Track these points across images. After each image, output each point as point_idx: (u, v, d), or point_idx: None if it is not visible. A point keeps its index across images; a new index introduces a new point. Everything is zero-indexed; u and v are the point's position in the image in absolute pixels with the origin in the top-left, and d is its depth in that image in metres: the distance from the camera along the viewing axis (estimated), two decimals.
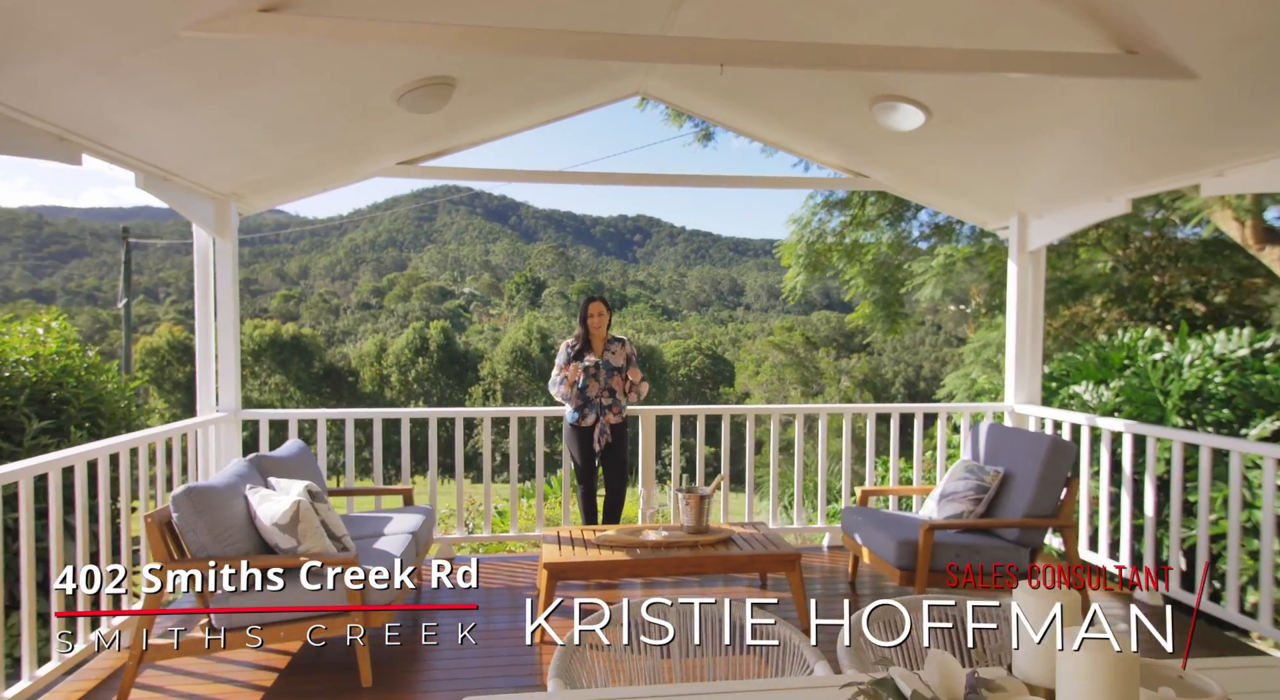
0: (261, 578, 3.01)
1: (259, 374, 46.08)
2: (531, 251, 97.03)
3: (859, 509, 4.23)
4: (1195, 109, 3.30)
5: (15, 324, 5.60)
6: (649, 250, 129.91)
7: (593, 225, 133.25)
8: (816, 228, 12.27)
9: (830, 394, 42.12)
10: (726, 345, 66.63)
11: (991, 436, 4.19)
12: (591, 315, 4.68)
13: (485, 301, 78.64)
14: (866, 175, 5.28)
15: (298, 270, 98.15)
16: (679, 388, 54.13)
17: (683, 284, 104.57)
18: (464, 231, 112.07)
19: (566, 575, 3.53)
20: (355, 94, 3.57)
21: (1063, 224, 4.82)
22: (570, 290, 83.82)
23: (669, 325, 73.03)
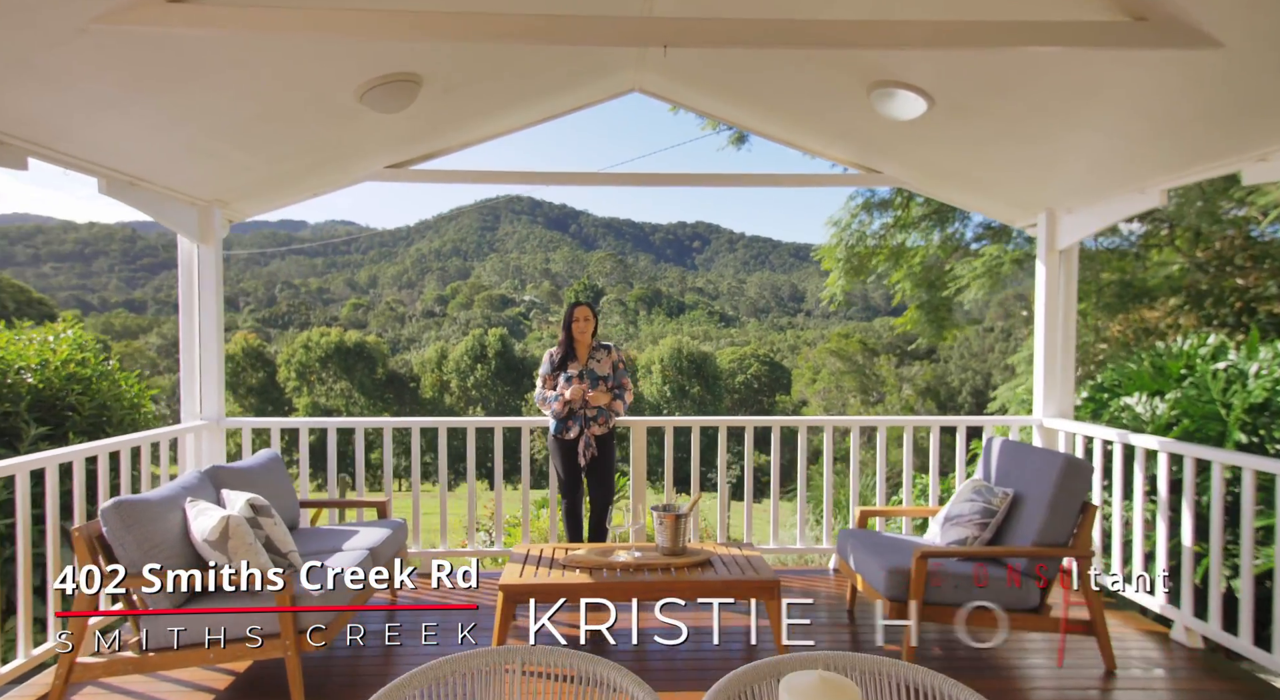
0: (189, 595, 2.92)
1: (325, 380, 47.62)
2: (590, 259, 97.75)
3: (855, 531, 3.89)
4: (1226, 84, 2.88)
5: (33, 331, 5.75)
6: (708, 256, 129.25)
7: (651, 232, 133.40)
8: (856, 230, 11.80)
9: (891, 402, 40.89)
10: (785, 352, 65.67)
11: (1004, 454, 3.80)
12: (576, 320, 4.47)
13: (544, 309, 79.49)
14: (879, 171, 4.93)
15: (367, 279, 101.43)
16: (735, 395, 53.49)
17: (741, 290, 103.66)
18: (525, 240, 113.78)
19: (524, 598, 3.32)
20: (314, 93, 3.47)
21: (1093, 220, 4.37)
22: (628, 297, 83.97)
23: (726, 332, 72.36)
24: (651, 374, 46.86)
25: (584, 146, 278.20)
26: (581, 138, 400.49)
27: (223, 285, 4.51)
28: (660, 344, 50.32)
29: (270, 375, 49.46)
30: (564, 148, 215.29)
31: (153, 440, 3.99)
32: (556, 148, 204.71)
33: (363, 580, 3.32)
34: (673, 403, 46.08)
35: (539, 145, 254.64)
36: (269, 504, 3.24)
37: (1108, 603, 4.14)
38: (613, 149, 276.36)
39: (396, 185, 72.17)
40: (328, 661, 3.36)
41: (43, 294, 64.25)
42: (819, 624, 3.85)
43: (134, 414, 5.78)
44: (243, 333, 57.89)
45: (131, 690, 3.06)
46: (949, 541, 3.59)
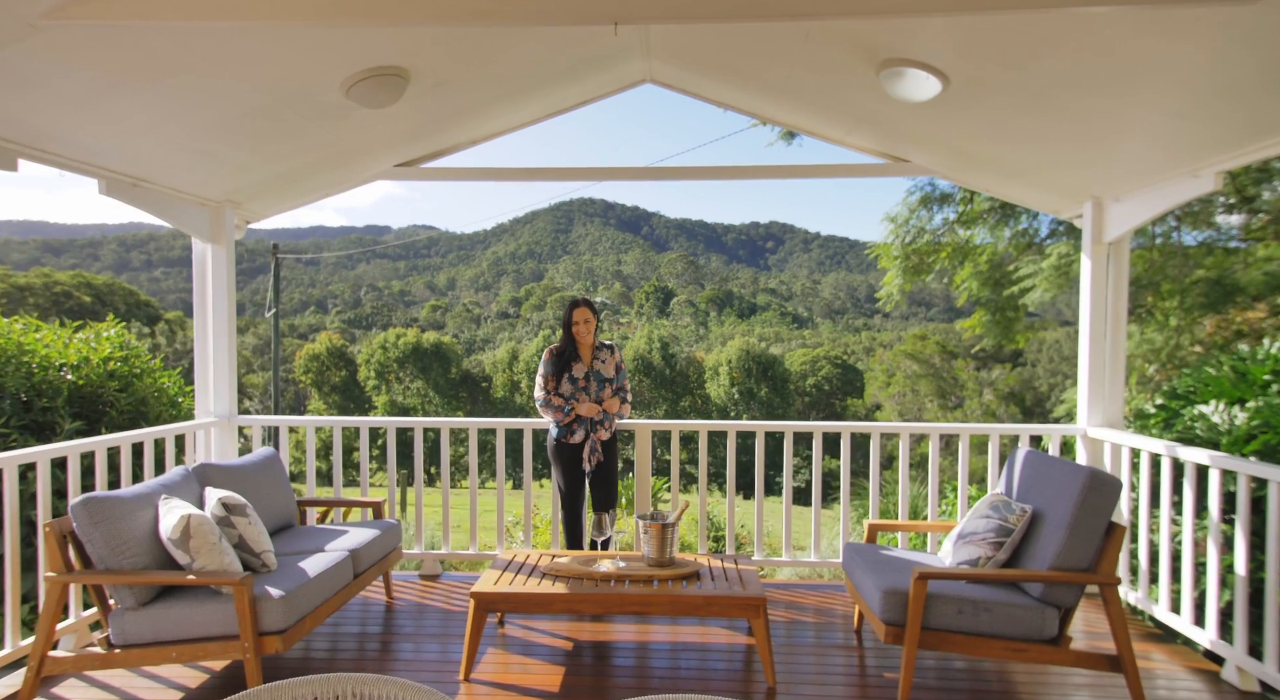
0: (156, 592, 2.92)
1: (402, 379, 49.20)
2: (662, 260, 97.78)
3: (860, 546, 3.61)
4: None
5: (84, 331, 6.02)
6: (781, 257, 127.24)
7: (724, 233, 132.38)
8: (915, 226, 11.26)
9: (971, 407, 39.17)
10: (859, 355, 64.01)
11: (1027, 467, 3.45)
12: (576, 321, 4.32)
13: (616, 310, 79.97)
14: (907, 160, 4.61)
15: (446, 282, 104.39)
16: (806, 398, 52.38)
17: (816, 291, 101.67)
18: (598, 242, 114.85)
19: (496, 607, 3.20)
20: (298, 90, 3.45)
21: (1142, 208, 3.95)
22: (699, 298, 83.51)
23: (798, 334, 70.97)
24: (719, 376, 46.40)
25: (625, 142, 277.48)
26: (625, 133, 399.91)
27: (235, 285, 4.59)
28: (728, 346, 49.77)
29: (352, 374, 51.48)
30: (608, 144, 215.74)
31: (157, 436, 4.07)
32: (598, 144, 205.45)
33: (336, 582, 3.28)
34: (740, 405, 45.49)
35: (583, 142, 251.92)
36: (245, 503, 3.23)
37: (1156, 635, 3.73)
38: (665, 145, 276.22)
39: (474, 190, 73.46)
40: (302, 662, 3.32)
41: (151, 297, 68.88)
42: (818, 645, 3.58)
43: (173, 410, 5.98)
44: (327, 333, 60.51)
45: (110, 685, 3.09)
46: (959, 561, 3.28)
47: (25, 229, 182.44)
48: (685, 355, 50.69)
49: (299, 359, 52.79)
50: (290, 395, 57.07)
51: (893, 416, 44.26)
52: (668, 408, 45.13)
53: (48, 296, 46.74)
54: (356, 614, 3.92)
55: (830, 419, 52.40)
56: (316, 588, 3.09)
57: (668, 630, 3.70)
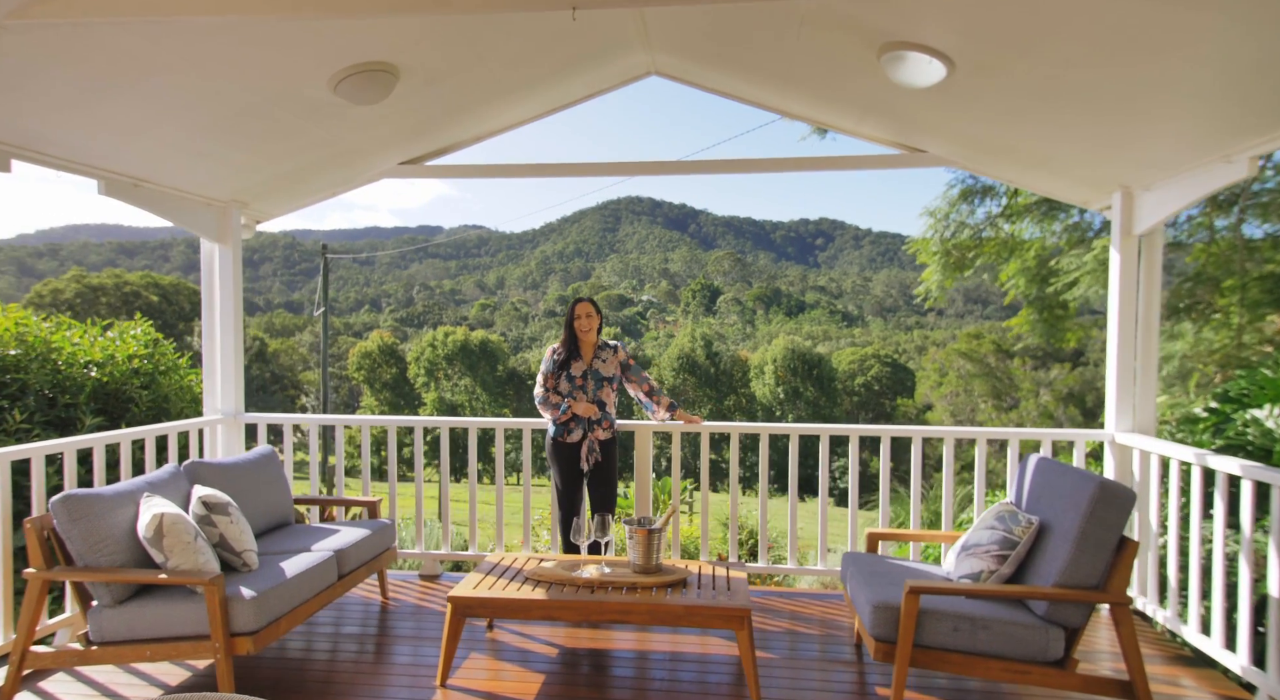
0: (134, 590, 2.93)
1: (450, 376, 50.04)
2: (708, 258, 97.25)
3: (859, 555, 3.43)
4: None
5: (115, 329, 6.18)
6: (831, 254, 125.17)
7: (772, 230, 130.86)
8: (955, 220, 10.86)
9: (1027, 408, 37.88)
10: (911, 353, 62.66)
11: (1038, 475, 3.22)
12: (578, 317, 4.24)
13: (662, 308, 79.87)
14: (923, 150, 4.39)
15: (495, 281, 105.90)
16: (854, 397, 51.46)
17: (867, 288, 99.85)
18: (645, 240, 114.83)
19: (474, 612, 3.14)
20: (285, 87, 3.44)
21: (1174, 196, 3.67)
22: (746, 296, 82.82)
23: (848, 332, 69.78)
24: (764, 375, 45.89)
25: (662, 136, 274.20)
26: (659, 127, 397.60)
27: (242, 284, 4.64)
28: (773, 344, 49.19)
29: (402, 372, 52.59)
30: (643, 137, 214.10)
31: (159, 433, 4.12)
32: (624, 138, 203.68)
33: (317, 583, 3.26)
34: (785, 405, 44.93)
35: (605, 136, 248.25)
36: (228, 501, 3.23)
37: (1186, 659, 3.46)
38: (697, 139, 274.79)
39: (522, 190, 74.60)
40: (277, 663, 3.31)
41: None
42: (814, 659, 3.42)
43: (195, 407, 6.11)
44: (379, 331, 61.95)
45: (95, 681, 3.13)
46: (961, 575, 3.08)
47: (102, 232, 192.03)
48: (730, 354, 50.31)
49: (352, 356, 54.16)
50: (345, 392, 58.64)
51: (944, 417, 43.06)
52: (712, 407, 44.85)
53: (118, 296, 48.91)
54: (346, 614, 3.91)
55: (879, 419, 51.38)
56: (293, 589, 3.07)
57: (667, 639, 3.58)
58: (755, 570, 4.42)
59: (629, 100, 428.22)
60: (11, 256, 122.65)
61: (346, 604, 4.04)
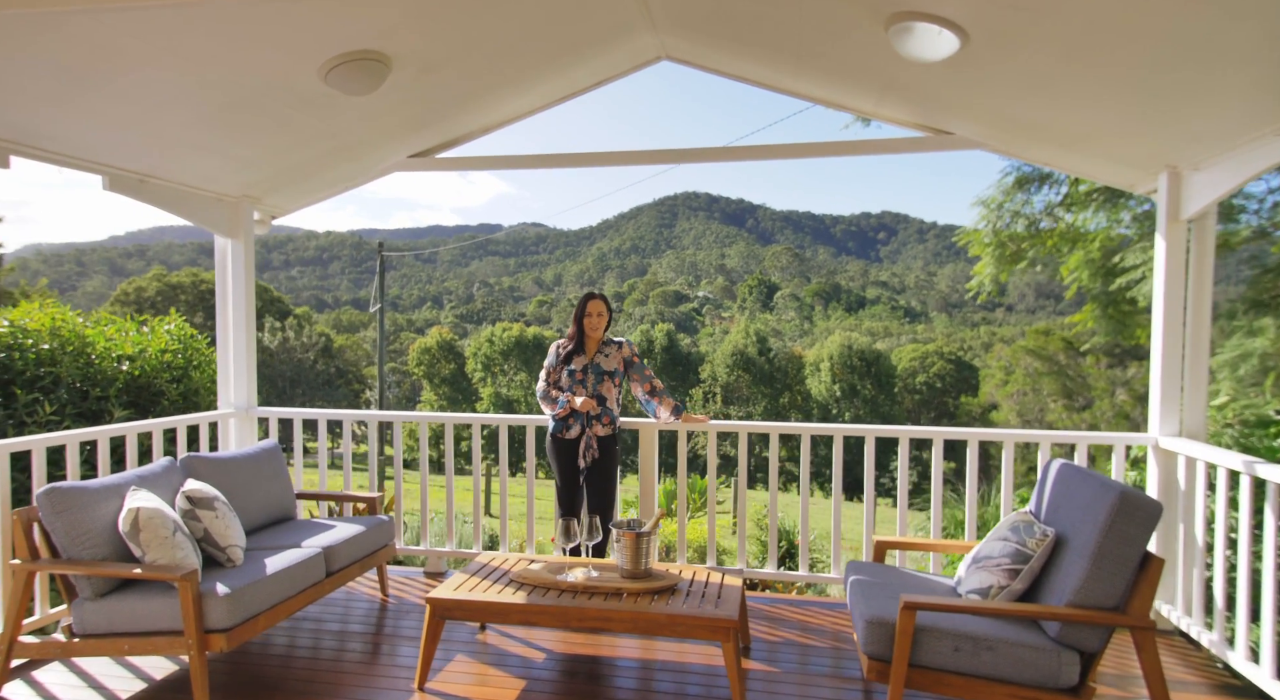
0: (115, 584, 2.94)
1: (506, 371, 50.73)
2: (766, 253, 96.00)
3: (862, 564, 3.21)
4: None
5: (154, 323, 6.36)
6: (894, 248, 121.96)
7: (832, 225, 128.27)
8: (1010, 209, 10.30)
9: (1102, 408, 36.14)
10: (976, 350, 60.66)
11: (1059, 482, 2.94)
12: (589, 314, 4.12)
13: (718, 304, 79.25)
14: (949, 132, 4.11)
15: (552, 278, 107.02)
16: (915, 396, 50.06)
17: (931, 283, 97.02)
18: (701, 236, 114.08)
19: (452, 614, 3.05)
20: (275, 79, 3.40)
21: (1226, 176, 3.31)
22: (804, 292, 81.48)
23: (910, 328, 67.92)
24: (820, 372, 45.03)
25: (689, 126, 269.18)
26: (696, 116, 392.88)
27: (254, 279, 4.68)
28: (829, 341, 48.22)
29: (460, 367, 53.59)
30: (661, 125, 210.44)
31: (167, 427, 4.17)
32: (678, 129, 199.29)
33: (300, 580, 3.22)
34: (842, 403, 43.98)
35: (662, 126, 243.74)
36: (215, 496, 3.23)
37: (1232, 688, 3.12)
38: (736, 129, 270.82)
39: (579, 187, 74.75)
40: (259, 659, 3.29)
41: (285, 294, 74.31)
42: (812, 674, 3.21)
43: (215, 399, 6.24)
44: (439, 328, 63.25)
45: (86, 671, 3.16)
46: (970, 590, 2.84)
47: (184, 233, 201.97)
48: (786, 350, 49.56)
49: (412, 352, 55.47)
50: (406, 387, 60.15)
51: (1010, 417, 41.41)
52: (766, 403, 44.26)
53: (195, 293, 51.17)
54: (342, 611, 3.88)
55: (941, 419, 49.79)
56: (272, 585, 3.03)
57: (670, 648, 3.43)
58: (761, 576, 4.22)
59: (652, 91, 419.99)
60: (104, 257, 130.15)
61: (344, 600, 4.02)
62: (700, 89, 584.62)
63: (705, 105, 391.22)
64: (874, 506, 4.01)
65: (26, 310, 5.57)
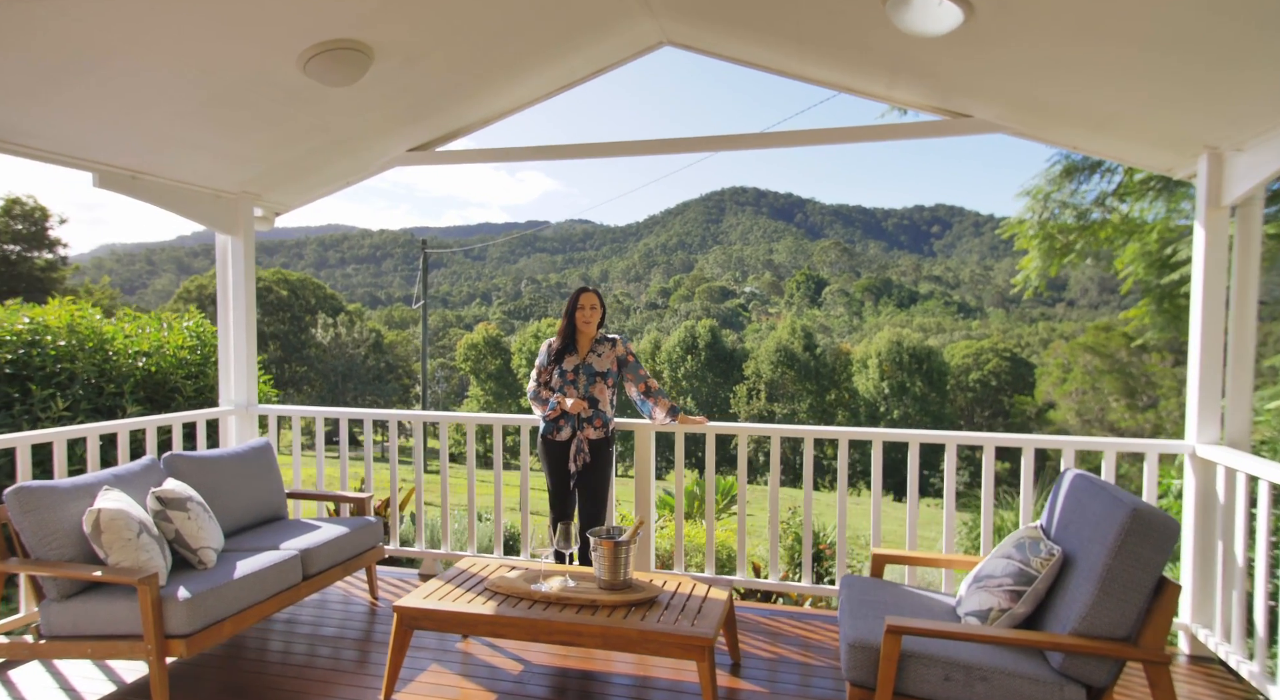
0: (82, 586, 2.90)
1: None
2: (814, 248, 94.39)
3: (855, 580, 2.98)
4: None
5: (172, 320, 6.44)
6: (948, 242, 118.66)
7: (884, 218, 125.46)
8: (1058, 200, 9.78)
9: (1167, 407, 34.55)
10: (1035, 347, 58.70)
11: (1071, 495, 2.67)
12: (581, 308, 3.96)
13: (765, 300, 78.32)
14: (968, 115, 3.83)
15: (599, 274, 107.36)
16: (969, 393, 48.65)
17: (987, 277, 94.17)
18: (749, 231, 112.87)
19: (420, 624, 2.93)
20: (253, 72, 3.33)
21: (1275, 156, 2.97)
22: (854, 287, 79.92)
23: (964, 324, 66.03)
24: (867, 369, 44.06)
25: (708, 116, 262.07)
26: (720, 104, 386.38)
27: (254, 276, 4.65)
28: (877, 337, 47.14)
29: (506, 363, 54.10)
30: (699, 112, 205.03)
31: (162, 424, 4.17)
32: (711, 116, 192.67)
33: (272, 584, 3.14)
34: (891, 400, 42.95)
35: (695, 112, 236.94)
36: (189, 496, 3.17)
37: None
38: (763, 118, 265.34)
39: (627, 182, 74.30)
40: (225, 662, 3.23)
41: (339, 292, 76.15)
42: (801, 697, 3.00)
43: None
44: (484, 324, 63.98)
45: (62, 673, 3.15)
46: (968, 612, 2.60)
47: None
48: (833, 347, 48.67)
49: (459, 348, 56.24)
50: (455, 382, 61.03)
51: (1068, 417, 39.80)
52: (811, 401, 43.50)
53: None
54: (326, 614, 3.81)
55: (995, 418, 48.20)
56: (238, 590, 2.96)
57: (661, 663, 3.25)
58: (764, 587, 4.01)
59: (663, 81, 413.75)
60: (172, 256, 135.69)
61: (330, 603, 3.95)
62: (735, 79, 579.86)
63: (738, 93, 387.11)
64: (878, 507, 3.76)
65: (50, 307, 5.68)
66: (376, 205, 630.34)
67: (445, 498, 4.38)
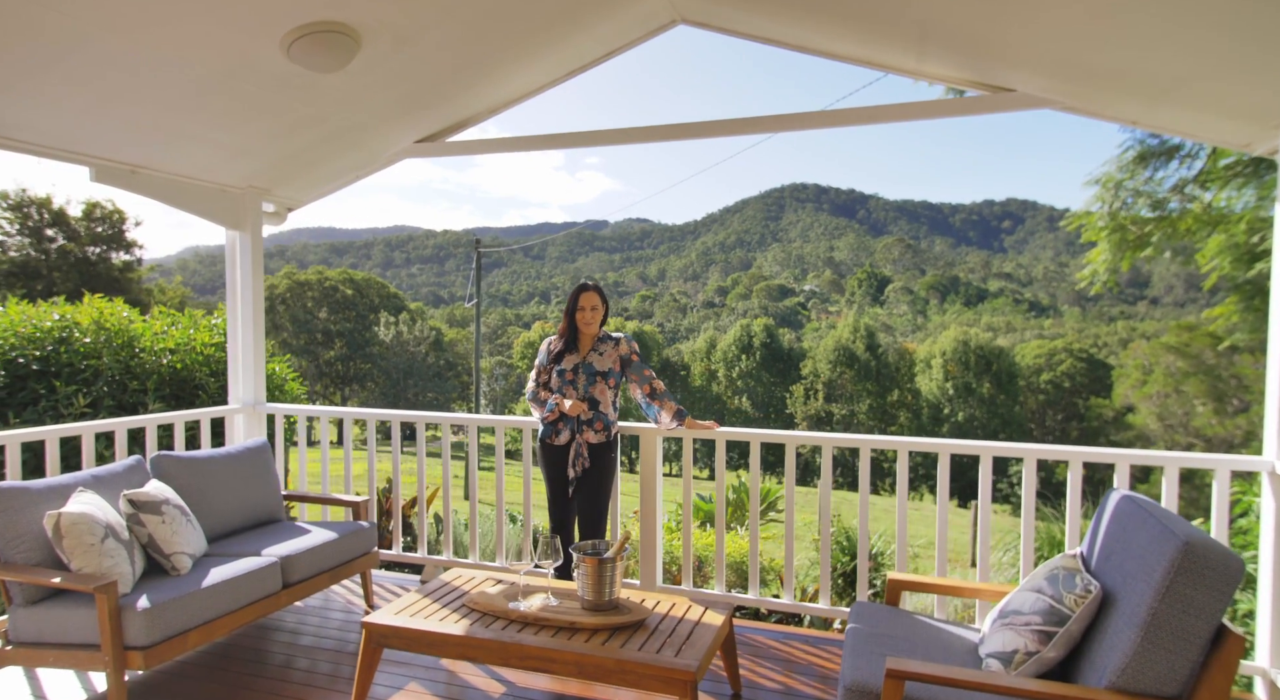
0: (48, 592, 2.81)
1: None
2: (877, 245, 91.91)
3: (869, 607, 2.65)
4: None
5: (198, 317, 6.49)
6: (1020, 238, 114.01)
7: (951, 214, 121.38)
8: (1131, 188, 9.06)
9: (1260, 413, 32.43)
10: (1113, 347, 55.94)
11: (1116, 521, 2.29)
12: (582, 308, 3.72)
13: (824, 298, 76.73)
14: (1009, 88, 3.43)
15: (656, 272, 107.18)
16: (1040, 396, 46.60)
17: (1062, 275, 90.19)
18: (809, 228, 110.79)
19: (389, 642, 2.74)
20: (237, 59, 3.21)
21: None
22: (918, 285, 77.60)
23: (1035, 323, 63.28)
24: (931, 369, 42.58)
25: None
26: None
27: (262, 273, 4.57)
28: (942, 336, 45.53)
29: None
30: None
31: (163, 422, 4.11)
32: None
33: (244, 593, 3.01)
34: (956, 402, 41.40)
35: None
36: (164, 499, 3.06)
37: None
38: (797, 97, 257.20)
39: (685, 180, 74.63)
40: (197, 671, 3.10)
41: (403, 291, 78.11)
42: None
43: (275, 395, 6.29)
44: (541, 322, 64.62)
45: (39, 679, 3.08)
46: (990, 652, 2.26)
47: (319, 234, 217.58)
48: (896, 346, 47.27)
49: (516, 346, 56.92)
50: (512, 379, 61.81)
51: (1148, 421, 37.63)
52: (871, 402, 42.29)
53: (320, 290, 54.56)
54: (314, 622, 3.67)
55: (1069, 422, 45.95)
56: (206, 599, 2.83)
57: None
58: (770, 606, 3.69)
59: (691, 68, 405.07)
60: None
61: (321, 610, 3.81)
62: (768, 65, 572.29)
63: (777, 80, 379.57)
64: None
65: (81, 304, 5.76)
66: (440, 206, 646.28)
67: (447, 503, 4.20)
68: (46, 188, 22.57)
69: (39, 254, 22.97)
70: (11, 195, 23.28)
